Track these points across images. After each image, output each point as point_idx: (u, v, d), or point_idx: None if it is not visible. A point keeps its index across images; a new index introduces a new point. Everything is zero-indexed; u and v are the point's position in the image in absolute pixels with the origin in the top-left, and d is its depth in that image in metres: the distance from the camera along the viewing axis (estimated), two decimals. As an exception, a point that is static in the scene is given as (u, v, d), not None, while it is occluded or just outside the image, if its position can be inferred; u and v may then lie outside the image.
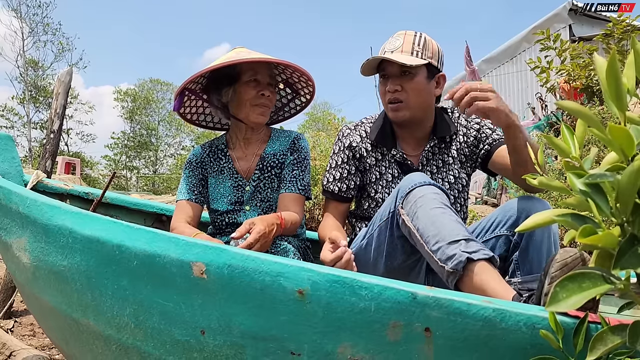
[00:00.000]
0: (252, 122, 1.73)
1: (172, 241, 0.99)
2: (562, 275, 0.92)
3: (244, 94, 1.70)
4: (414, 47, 1.57)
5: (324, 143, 4.88)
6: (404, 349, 0.81)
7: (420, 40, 1.59)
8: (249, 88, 1.69)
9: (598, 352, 0.61)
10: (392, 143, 1.68)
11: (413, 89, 1.58)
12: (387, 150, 1.68)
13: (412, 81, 1.58)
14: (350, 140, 1.71)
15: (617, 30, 5.35)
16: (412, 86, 1.58)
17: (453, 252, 1.18)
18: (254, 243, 1.38)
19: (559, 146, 0.71)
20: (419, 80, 1.58)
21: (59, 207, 1.21)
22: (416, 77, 1.58)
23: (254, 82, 1.70)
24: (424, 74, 1.59)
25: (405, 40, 1.59)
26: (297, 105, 1.99)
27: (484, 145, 1.66)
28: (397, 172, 1.67)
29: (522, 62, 10.44)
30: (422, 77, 1.59)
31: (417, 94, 1.59)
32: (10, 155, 1.90)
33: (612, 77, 0.60)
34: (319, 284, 0.85)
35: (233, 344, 0.93)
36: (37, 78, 27.13)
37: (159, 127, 35.74)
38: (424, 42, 1.58)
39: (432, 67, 1.59)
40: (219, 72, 1.69)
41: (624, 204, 0.57)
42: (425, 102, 1.62)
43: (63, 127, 2.53)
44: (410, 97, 1.59)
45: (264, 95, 1.70)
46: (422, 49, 1.57)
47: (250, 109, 1.70)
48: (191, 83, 1.75)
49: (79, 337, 1.24)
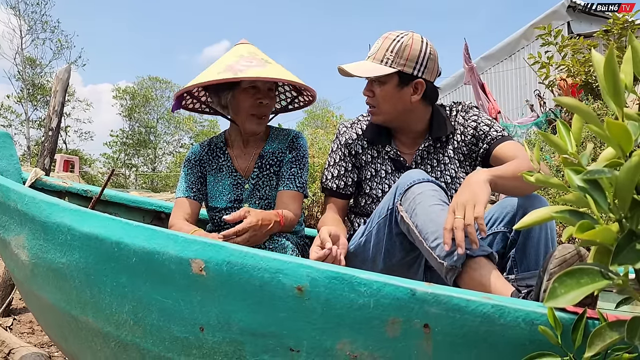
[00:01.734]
0: (248, 130, 1.72)
1: (171, 238, 0.99)
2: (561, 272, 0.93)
3: (241, 102, 1.68)
4: (386, 54, 1.56)
5: (322, 140, 4.89)
6: (403, 345, 0.81)
7: (395, 47, 1.55)
8: (247, 96, 1.67)
9: (596, 348, 0.61)
10: (386, 140, 1.68)
11: (382, 97, 1.60)
12: (381, 147, 1.69)
13: (381, 89, 1.59)
14: (347, 138, 1.71)
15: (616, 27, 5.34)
16: (381, 94, 1.59)
17: (452, 248, 1.19)
18: (241, 232, 1.38)
19: (555, 143, 0.71)
20: (387, 89, 1.58)
21: (57, 204, 1.21)
22: (385, 85, 1.58)
23: (253, 90, 1.68)
24: (394, 81, 1.57)
25: (382, 45, 1.58)
26: (294, 105, 1.99)
27: (483, 143, 1.65)
28: (391, 169, 1.67)
29: (521, 59, 10.45)
30: (392, 86, 1.57)
31: (386, 101, 1.60)
32: (8, 153, 1.90)
33: (610, 73, 0.60)
34: (317, 281, 0.85)
35: (232, 340, 0.93)
36: (35, 76, 27.07)
37: (157, 124, 35.70)
38: (397, 49, 1.55)
39: (404, 74, 1.56)
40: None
41: (622, 200, 0.57)
42: (397, 108, 1.60)
43: (61, 125, 2.52)
44: (380, 104, 1.61)
45: (262, 103, 1.68)
46: (394, 56, 1.55)
47: (247, 118, 1.69)
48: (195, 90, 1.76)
49: (78, 335, 1.24)
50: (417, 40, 1.57)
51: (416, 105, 1.62)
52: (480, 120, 1.66)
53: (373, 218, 1.49)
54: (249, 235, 1.41)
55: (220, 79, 1.56)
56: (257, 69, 1.59)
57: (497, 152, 1.60)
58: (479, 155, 1.67)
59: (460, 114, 1.71)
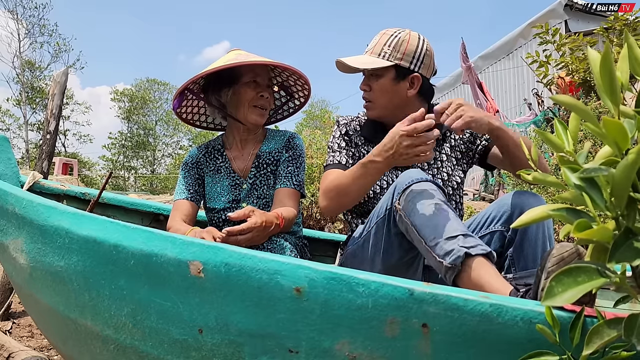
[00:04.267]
0: (250, 122, 1.75)
1: (169, 240, 0.99)
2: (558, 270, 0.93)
3: (243, 95, 1.73)
4: (384, 48, 1.61)
5: (320, 141, 4.88)
6: (402, 345, 0.81)
7: (392, 41, 1.60)
8: (249, 89, 1.72)
9: (594, 346, 0.61)
10: (382, 138, 1.68)
11: (378, 90, 1.63)
12: (377, 144, 1.68)
13: (377, 82, 1.62)
14: (347, 129, 1.74)
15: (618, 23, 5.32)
16: (378, 87, 1.63)
17: (451, 247, 1.18)
18: (246, 231, 1.39)
19: (552, 141, 0.71)
20: (383, 82, 1.62)
21: (55, 207, 1.21)
22: (382, 78, 1.61)
23: (253, 84, 1.73)
24: (391, 75, 1.61)
25: (379, 40, 1.63)
26: (291, 107, 2.03)
27: (481, 140, 1.66)
28: None
29: (518, 58, 10.47)
30: (389, 79, 1.61)
31: (382, 95, 1.63)
32: (6, 157, 1.90)
33: (606, 72, 0.60)
34: (316, 282, 0.85)
35: (231, 342, 0.93)
36: (34, 79, 27.06)
37: (156, 126, 35.72)
38: (395, 43, 1.59)
39: (401, 68, 1.60)
40: (220, 73, 1.72)
41: (619, 198, 0.57)
42: (392, 102, 1.64)
43: (60, 128, 2.52)
44: (376, 97, 1.64)
45: (263, 96, 1.73)
46: (391, 50, 1.59)
47: (249, 110, 1.73)
48: (191, 84, 1.76)
49: (77, 338, 1.24)
50: (414, 36, 1.62)
51: (412, 100, 1.64)
52: None
53: (371, 218, 1.49)
54: (252, 235, 1.41)
55: (225, 65, 1.62)
56: (257, 59, 1.67)
57: (496, 150, 1.61)
58: (477, 153, 1.68)
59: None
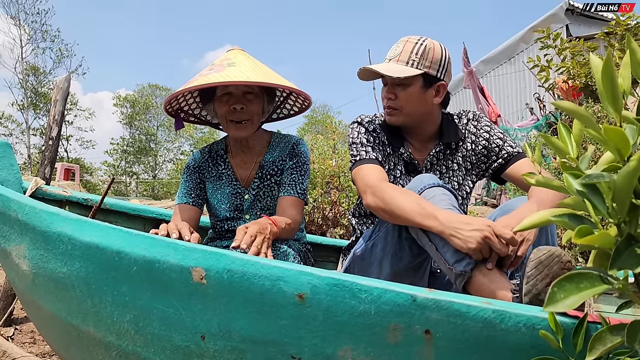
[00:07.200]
0: (232, 137, 1.73)
1: (171, 247, 0.99)
2: (538, 274, 0.96)
3: (218, 109, 1.68)
4: (411, 56, 1.56)
5: (322, 146, 4.88)
6: (405, 352, 0.81)
7: (419, 49, 1.57)
8: (221, 103, 1.66)
9: (597, 352, 0.61)
10: (400, 142, 1.68)
11: (406, 99, 1.59)
12: (396, 147, 1.68)
13: (406, 91, 1.58)
14: (374, 127, 1.69)
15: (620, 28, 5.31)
16: (406, 96, 1.59)
17: (462, 254, 1.19)
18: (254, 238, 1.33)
19: (557, 146, 0.71)
20: (412, 91, 1.58)
21: (57, 214, 1.21)
22: (410, 87, 1.57)
23: (226, 97, 1.65)
24: (419, 83, 1.57)
25: (404, 48, 1.58)
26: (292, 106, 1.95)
27: (498, 158, 1.64)
28: (401, 172, 1.67)
29: (520, 62, 10.46)
30: (417, 87, 1.58)
31: (410, 103, 1.59)
32: (8, 163, 1.90)
33: (607, 78, 0.61)
34: (318, 288, 0.85)
35: (233, 348, 0.93)
36: (37, 84, 27.13)
37: (157, 132, 35.78)
38: (422, 51, 1.56)
39: (429, 76, 1.57)
40: (201, 90, 1.69)
41: (621, 204, 0.57)
42: (419, 110, 1.61)
43: (63, 134, 2.53)
44: (403, 106, 1.60)
45: (236, 109, 1.64)
46: (419, 58, 1.56)
47: (227, 125, 1.69)
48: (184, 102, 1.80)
49: (79, 344, 1.24)
50: (436, 44, 1.60)
51: (435, 108, 1.64)
52: (492, 132, 1.68)
53: (382, 221, 1.49)
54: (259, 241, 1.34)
55: (170, 97, 1.66)
56: (210, 76, 1.56)
57: (513, 171, 1.60)
58: (491, 169, 1.67)
59: (471, 122, 1.71)
